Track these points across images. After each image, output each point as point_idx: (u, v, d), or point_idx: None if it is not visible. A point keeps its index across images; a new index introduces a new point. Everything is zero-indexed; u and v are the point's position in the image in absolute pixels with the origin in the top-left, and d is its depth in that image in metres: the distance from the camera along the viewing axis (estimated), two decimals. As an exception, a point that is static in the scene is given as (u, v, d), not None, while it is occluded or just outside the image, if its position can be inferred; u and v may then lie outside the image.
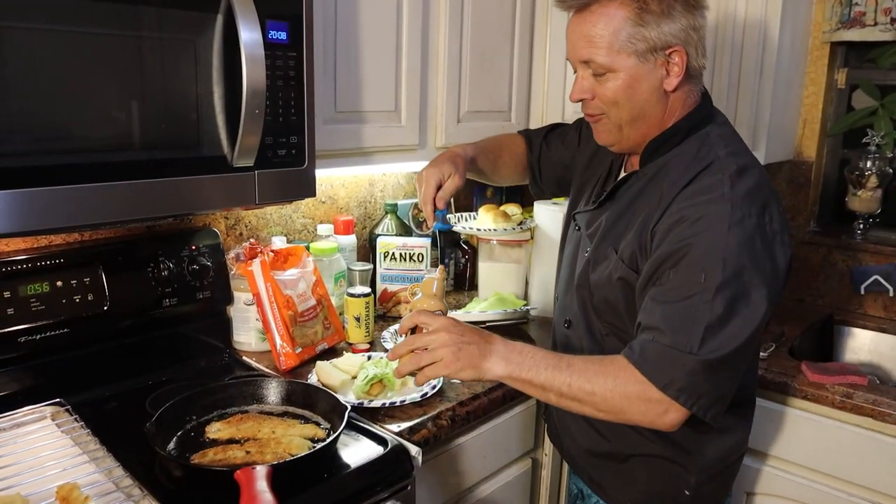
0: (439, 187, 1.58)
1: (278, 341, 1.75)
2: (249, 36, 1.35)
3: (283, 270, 1.81)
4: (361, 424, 1.48)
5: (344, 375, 1.66)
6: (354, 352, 1.87)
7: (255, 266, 1.75)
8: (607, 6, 1.30)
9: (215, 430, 1.41)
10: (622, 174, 1.52)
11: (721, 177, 1.28)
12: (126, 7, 1.25)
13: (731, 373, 1.25)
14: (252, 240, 1.88)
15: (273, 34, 1.43)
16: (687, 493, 1.46)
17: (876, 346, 2.35)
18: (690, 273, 1.23)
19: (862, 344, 2.38)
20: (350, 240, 2.21)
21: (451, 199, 1.62)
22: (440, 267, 1.52)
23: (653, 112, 1.36)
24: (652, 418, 1.25)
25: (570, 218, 1.64)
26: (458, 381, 1.70)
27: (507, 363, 1.28)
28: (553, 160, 1.80)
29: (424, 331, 1.33)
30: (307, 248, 1.97)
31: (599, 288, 1.44)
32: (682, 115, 1.38)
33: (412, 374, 1.33)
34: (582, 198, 1.62)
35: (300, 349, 1.78)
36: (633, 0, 1.28)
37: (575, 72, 1.41)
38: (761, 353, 1.98)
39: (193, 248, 1.78)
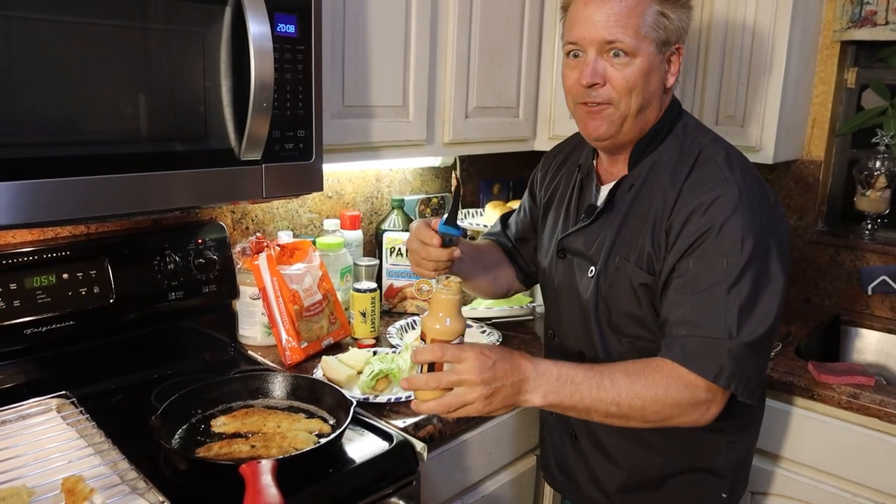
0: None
1: (283, 336, 1.75)
2: (258, 28, 1.35)
3: (289, 265, 1.81)
4: (367, 420, 1.48)
5: (349, 370, 1.66)
6: (360, 347, 1.86)
7: (262, 260, 1.75)
8: None
9: (220, 424, 1.40)
10: (606, 183, 1.47)
11: (715, 163, 1.31)
12: (134, -1, 1.25)
13: (769, 352, 1.30)
14: (258, 234, 1.87)
15: (281, 27, 1.42)
16: (724, 496, 1.46)
17: (883, 347, 2.34)
18: (712, 260, 1.24)
19: (869, 344, 2.37)
20: (356, 235, 2.21)
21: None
22: (452, 280, 1.24)
23: (654, 106, 1.37)
24: (697, 417, 1.25)
25: (552, 250, 1.55)
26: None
27: (544, 394, 1.19)
28: (524, 226, 1.74)
29: (446, 367, 1.18)
30: (313, 242, 1.97)
31: (618, 302, 1.39)
32: (664, 113, 1.40)
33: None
34: (558, 223, 1.56)
35: (305, 344, 1.78)
36: None
37: (576, 56, 1.35)
38: (768, 353, 1.97)
39: (200, 241, 1.78)
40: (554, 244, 1.54)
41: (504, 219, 1.81)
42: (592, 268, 1.42)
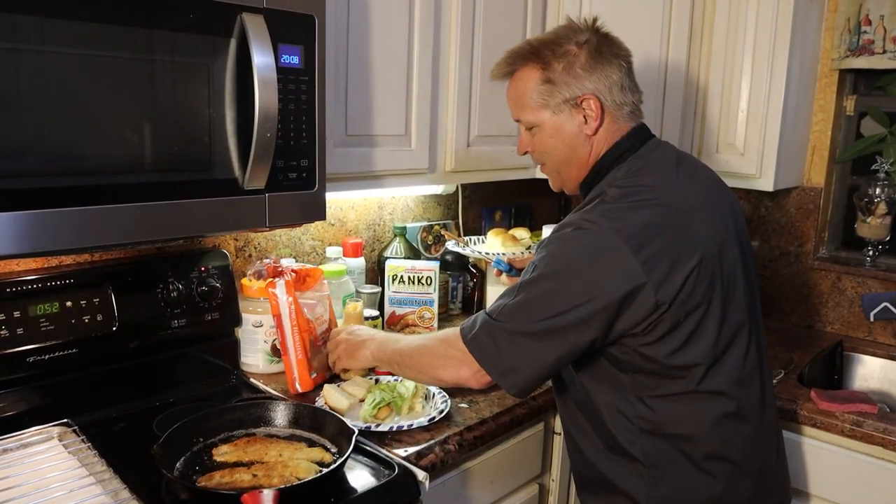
0: None
1: (294, 365, 1.74)
2: (262, 60, 1.36)
3: (301, 292, 1.79)
4: (369, 448, 1.47)
5: (352, 399, 1.66)
6: (378, 373, 1.86)
7: (280, 286, 1.72)
8: (522, 71, 1.51)
9: (222, 453, 1.40)
10: None
11: (592, 207, 1.39)
12: (140, 31, 1.26)
13: (527, 351, 1.35)
14: (273, 257, 1.87)
15: (286, 58, 1.44)
16: None
17: (886, 374, 2.34)
18: (530, 264, 1.41)
19: (872, 371, 2.36)
20: (359, 262, 2.22)
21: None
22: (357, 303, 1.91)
23: (578, 155, 1.52)
24: (452, 371, 1.44)
25: None
26: (465, 406, 1.70)
27: (372, 350, 1.65)
28: None
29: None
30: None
31: None
32: (601, 155, 1.51)
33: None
34: None
35: (315, 374, 1.77)
36: (539, 63, 1.48)
37: None
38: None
39: (203, 269, 1.78)
40: None
41: None
42: None
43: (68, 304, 1.56)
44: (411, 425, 1.57)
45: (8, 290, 1.49)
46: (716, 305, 1.37)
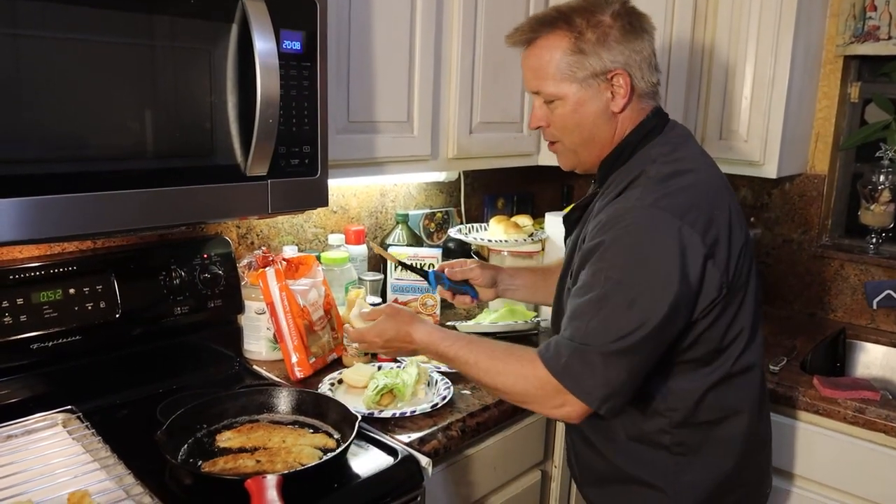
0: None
1: (292, 351, 1.75)
2: (264, 46, 1.36)
3: (294, 279, 1.81)
4: (371, 434, 1.48)
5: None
6: (380, 360, 1.87)
7: (270, 275, 1.75)
8: (548, 38, 1.39)
9: (226, 439, 1.41)
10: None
11: (644, 185, 1.32)
12: (141, 16, 1.25)
13: (628, 368, 1.26)
14: (264, 248, 1.88)
15: (287, 44, 1.43)
16: None
17: (888, 362, 2.34)
18: (595, 271, 1.28)
19: (874, 359, 2.36)
20: (361, 249, 2.21)
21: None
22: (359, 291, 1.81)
23: (602, 133, 1.43)
24: (550, 409, 1.31)
25: None
26: (467, 393, 1.70)
27: (424, 335, 1.45)
28: None
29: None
30: (318, 257, 1.98)
31: (564, 306, 1.44)
32: (627, 133, 1.43)
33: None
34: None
35: (313, 359, 1.78)
36: (570, 31, 1.37)
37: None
38: (772, 367, 1.97)
39: (205, 256, 1.78)
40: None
41: None
42: (562, 272, 1.52)
43: (71, 291, 1.56)
44: (414, 411, 1.57)
45: (11, 277, 1.49)
46: (752, 282, 1.39)
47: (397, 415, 1.56)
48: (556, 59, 1.38)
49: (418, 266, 1.96)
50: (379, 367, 1.77)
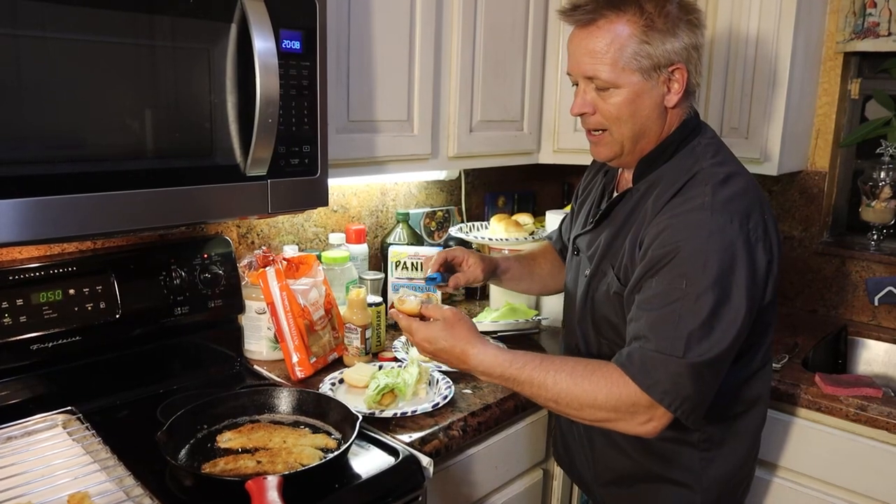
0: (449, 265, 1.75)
1: (293, 351, 1.75)
2: (263, 45, 1.35)
3: (295, 279, 1.81)
4: (372, 434, 1.47)
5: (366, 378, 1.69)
6: (381, 360, 1.87)
7: (270, 274, 1.74)
8: (614, 22, 1.31)
9: (226, 440, 1.40)
10: (615, 193, 1.54)
11: (704, 187, 1.30)
12: (141, 16, 1.25)
13: (715, 377, 1.26)
14: (264, 248, 1.88)
15: (287, 44, 1.43)
16: None
17: (890, 359, 2.33)
18: (672, 279, 1.25)
19: (876, 356, 2.36)
20: (362, 249, 2.21)
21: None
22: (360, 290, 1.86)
23: (653, 128, 1.39)
24: (635, 426, 1.27)
25: (571, 245, 1.65)
26: (469, 392, 1.70)
27: (484, 367, 1.36)
28: (567, 227, 1.85)
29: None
30: (318, 257, 1.98)
31: (600, 305, 1.47)
32: (673, 130, 1.41)
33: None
34: (578, 222, 1.66)
35: (314, 359, 1.78)
36: (640, 17, 1.30)
37: (574, 84, 1.43)
38: (774, 365, 1.97)
39: (205, 256, 1.78)
40: (571, 242, 1.64)
41: (562, 220, 1.92)
42: (588, 269, 1.49)
43: (71, 291, 1.56)
44: (415, 411, 1.57)
45: (11, 278, 1.49)
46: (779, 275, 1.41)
47: (398, 414, 1.56)
48: (622, 46, 1.31)
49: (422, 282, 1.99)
50: (380, 367, 1.77)
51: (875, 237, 2.45)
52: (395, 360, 1.86)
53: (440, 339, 1.40)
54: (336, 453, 1.32)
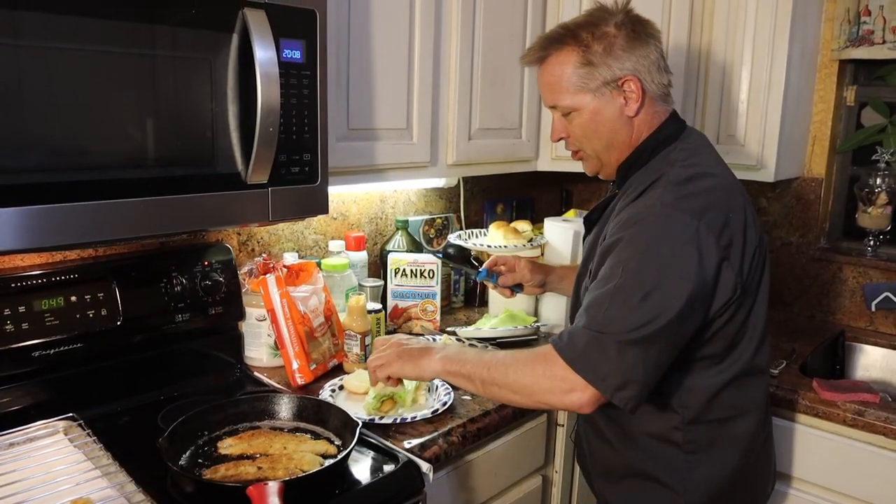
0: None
1: (293, 357, 1.75)
2: (264, 55, 1.37)
3: (295, 286, 1.82)
4: (373, 441, 1.48)
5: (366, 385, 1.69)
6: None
7: (270, 281, 1.75)
8: (558, 55, 1.47)
9: (227, 446, 1.41)
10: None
11: (664, 188, 1.36)
12: (142, 26, 1.26)
13: (643, 360, 1.27)
14: (264, 255, 1.89)
15: (287, 53, 1.44)
16: None
17: (888, 364, 2.34)
18: (613, 265, 1.32)
19: (873, 361, 2.37)
20: (361, 256, 2.22)
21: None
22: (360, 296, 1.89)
23: (620, 137, 1.49)
24: (560, 396, 1.31)
25: None
26: (468, 398, 1.71)
27: (443, 361, 1.44)
28: None
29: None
30: (318, 264, 1.98)
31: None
32: (647, 137, 1.48)
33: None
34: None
35: (314, 365, 1.78)
36: (577, 46, 1.44)
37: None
38: (772, 370, 1.97)
39: (206, 263, 1.79)
40: None
41: None
42: (580, 270, 1.56)
43: (73, 298, 1.57)
44: (415, 417, 1.58)
45: (13, 285, 1.50)
46: (764, 282, 1.44)
47: (398, 421, 1.57)
48: (567, 74, 1.45)
49: (473, 260, 2.01)
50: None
51: (872, 243, 2.46)
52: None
53: (401, 341, 1.53)
54: (336, 459, 1.33)
